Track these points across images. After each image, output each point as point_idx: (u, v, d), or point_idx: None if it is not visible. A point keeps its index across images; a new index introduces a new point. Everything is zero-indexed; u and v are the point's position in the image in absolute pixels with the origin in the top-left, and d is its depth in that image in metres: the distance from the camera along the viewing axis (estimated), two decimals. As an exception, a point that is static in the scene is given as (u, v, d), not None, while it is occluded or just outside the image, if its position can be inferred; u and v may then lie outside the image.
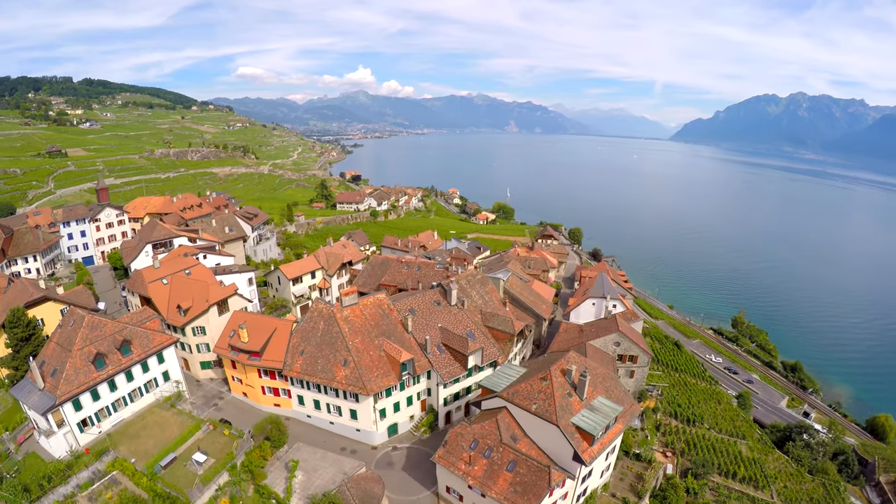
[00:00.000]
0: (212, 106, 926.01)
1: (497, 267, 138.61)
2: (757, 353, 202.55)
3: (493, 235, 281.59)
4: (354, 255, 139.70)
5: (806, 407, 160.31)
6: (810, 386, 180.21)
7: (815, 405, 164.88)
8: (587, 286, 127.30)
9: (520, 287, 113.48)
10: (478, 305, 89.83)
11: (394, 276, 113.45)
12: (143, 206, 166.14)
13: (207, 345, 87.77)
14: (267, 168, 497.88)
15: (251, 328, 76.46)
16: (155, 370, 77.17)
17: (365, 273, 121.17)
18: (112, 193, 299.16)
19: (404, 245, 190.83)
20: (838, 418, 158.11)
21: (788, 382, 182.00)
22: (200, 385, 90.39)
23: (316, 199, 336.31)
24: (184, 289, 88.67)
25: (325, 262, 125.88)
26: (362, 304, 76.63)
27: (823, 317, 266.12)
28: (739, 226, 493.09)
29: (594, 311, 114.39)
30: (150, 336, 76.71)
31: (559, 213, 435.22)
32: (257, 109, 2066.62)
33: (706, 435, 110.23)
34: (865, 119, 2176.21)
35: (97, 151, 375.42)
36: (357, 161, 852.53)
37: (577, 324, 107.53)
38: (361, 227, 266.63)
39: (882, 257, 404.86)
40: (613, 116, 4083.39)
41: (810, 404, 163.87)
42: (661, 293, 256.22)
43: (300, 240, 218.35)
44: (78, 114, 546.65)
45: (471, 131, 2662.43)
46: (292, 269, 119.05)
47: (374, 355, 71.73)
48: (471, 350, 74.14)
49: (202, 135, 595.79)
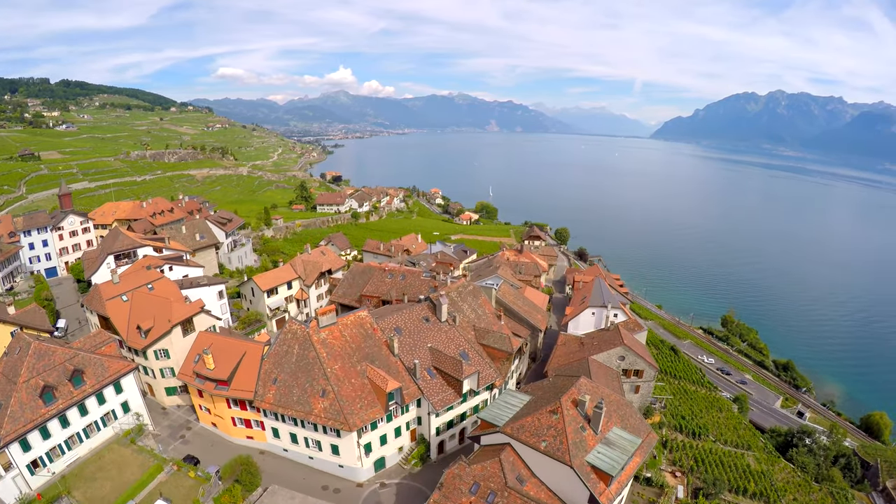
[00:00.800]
0: (191, 107, 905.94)
1: (486, 272, 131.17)
2: (748, 353, 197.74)
3: (477, 236, 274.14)
4: (334, 262, 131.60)
5: (800, 407, 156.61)
6: (803, 385, 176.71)
7: (808, 404, 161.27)
8: (584, 293, 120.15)
9: (512, 295, 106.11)
10: (470, 321, 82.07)
11: (377, 287, 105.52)
12: (112, 212, 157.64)
13: (172, 369, 79.14)
14: (246, 170, 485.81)
15: (217, 353, 67.93)
16: (112, 401, 68.98)
17: (345, 282, 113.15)
18: (86, 198, 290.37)
19: (387, 249, 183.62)
20: (832, 417, 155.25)
21: (781, 382, 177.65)
22: (166, 413, 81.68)
23: (295, 202, 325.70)
24: (145, 307, 79.77)
25: (303, 271, 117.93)
26: (342, 324, 68.27)
27: (811, 313, 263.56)
28: (723, 223, 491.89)
29: (594, 320, 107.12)
30: (106, 363, 68.39)
31: (542, 211, 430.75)
32: (238, 110, 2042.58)
33: (713, 449, 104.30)
34: (844, 116, 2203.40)
35: (72, 154, 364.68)
36: (338, 162, 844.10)
37: (577, 335, 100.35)
38: (342, 229, 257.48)
39: (866, 253, 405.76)
40: (594, 115, 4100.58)
41: (804, 404, 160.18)
42: (649, 293, 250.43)
43: (278, 244, 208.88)
44: (54, 116, 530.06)
45: (452, 131, 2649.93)
46: (266, 279, 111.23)
47: (357, 383, 63.43)
48: (466, 374, 66.31)
49: (181, 136, 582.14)
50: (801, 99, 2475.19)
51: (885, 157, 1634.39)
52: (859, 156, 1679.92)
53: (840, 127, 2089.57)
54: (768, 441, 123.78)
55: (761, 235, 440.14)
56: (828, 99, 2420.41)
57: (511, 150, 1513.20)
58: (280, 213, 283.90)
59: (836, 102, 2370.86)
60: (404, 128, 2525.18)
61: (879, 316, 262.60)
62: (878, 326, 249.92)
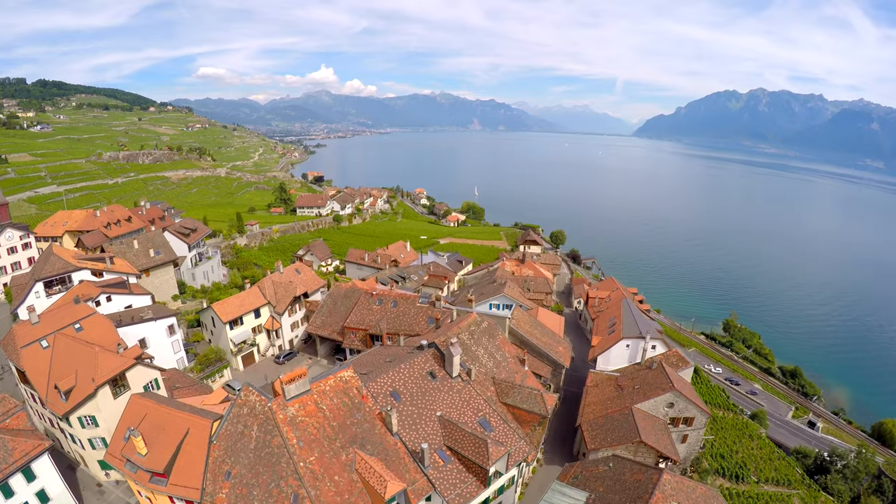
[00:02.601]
0: (170, 107, 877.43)
1: (489, 290, 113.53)
2: (754, 360, 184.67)
3: (467, 240, 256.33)
4: (311, 282, 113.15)
5: (811, 416, 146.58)
6: (812, 392, 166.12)
7: (819, 413, 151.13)
8: (608, 317, 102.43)
9: (527, 323, 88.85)
10: (488, 371, 64.00)
11: (362, 316, 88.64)
12: (63, 223, 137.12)
13: (104, 439, 60.79)
14: (224, 171, 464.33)
15: (152, 431, 49.27)
16: (23, 492, 51.43)
17: (325, 309, 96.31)
18: (53, 203, 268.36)
19: (372, 259, 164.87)
20: (844, 426, 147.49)
21: (789, 390, 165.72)
22: (102, 492, 63.82)
23: (274, 204, 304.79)
24: (68, 357, 60.77)
25: (273, 296, 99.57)
26: (318, 393, 49.10)
27: (811, 314, 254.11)
28: (714, 221, 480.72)
29: (627, 354, 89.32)
30: (9, 444, 50.53)
31: (530, 210, 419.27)
32: (219, 110, 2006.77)
33: (759, 493, 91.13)
34: (824, 113, 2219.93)
35: (44, 156, 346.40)
36: (320, 161, 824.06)
37: (610, 374, 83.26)
38: (323, 234, 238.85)
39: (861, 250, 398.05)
40: (577, 113, 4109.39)
41: (815, 413, 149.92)
42: (647, 297, 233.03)
43: (252, 255, 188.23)
44: (29, 116, 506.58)
45: (434, 129, 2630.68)
46: (228, 307, 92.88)
47: (343, 482, 44.67)
48: (493, 459, 48.24)
49: (159, 137, 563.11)
50: (782, 97, 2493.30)
51: (865, 153, 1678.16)
52: (839, 152, 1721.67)
53: (820, 124, 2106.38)
54: (797, 464, 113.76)
55: (754, 234, 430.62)
56: (808, 96, 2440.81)
57: (495, 148, 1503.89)
58: (257, 217, 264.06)
59: (816, 100, 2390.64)
60: (387, 127, 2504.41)
61: (885, 316, 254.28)
62: (880, 325, 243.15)
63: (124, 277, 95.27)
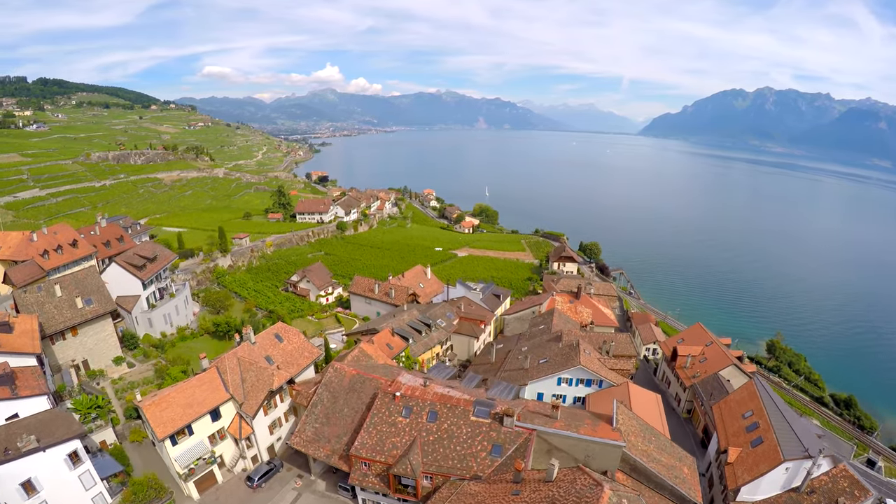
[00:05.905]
0: (173, 105, 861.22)
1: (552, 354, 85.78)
2: (804, 387, 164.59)
3: (487, 251, 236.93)
4: (297, 358, 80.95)
5: (871, 454, 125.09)
6: (868, 425, 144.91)
7: (878, 450, 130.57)
8: (745, 412, 73.02)
9: (638, 435, 60.98)
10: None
11: (380, 438, 59.57)
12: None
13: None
14: (222, 171, 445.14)
15: None
16: None
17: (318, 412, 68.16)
18: (34, 209, 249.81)
19: (384, 292, 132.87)
20: None
21: (844, 422, 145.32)
22: None
23: (272, 209, 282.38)
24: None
25: (239, 387, 69.28)
26: None
27: (853, 330, 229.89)
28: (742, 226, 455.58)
29: (784, 479, 61.25)
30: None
31: (544, 211, 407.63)
32: (224, 109, 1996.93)
33: None
34: (831, 112, 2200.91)
35: (34, 156, 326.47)
36: (325, 160, 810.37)
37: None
38: (325, 246, 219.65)
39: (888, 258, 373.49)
40: (582, 112, 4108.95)
41: (875, 450, 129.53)
42: (682, 314, 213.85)
43: (238, 279, 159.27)
44: (25, 115, 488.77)
45: (440, 128, 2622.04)
46: (167, 411, 62.34)
47: None
48: None
49: (160, 135, 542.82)
50: (789, 95, 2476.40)
51: (873, 152, 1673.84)
52: (847, 151, 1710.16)
53: (827, 123, 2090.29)
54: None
55: (785, 239, 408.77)
56: (815, 95, 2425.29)
57: (501, 147, 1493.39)
58: (253, 224, 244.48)
59: (823, 99, 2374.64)
60: (392, 125, 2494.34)
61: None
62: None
63: (9, 364, 62.93)
